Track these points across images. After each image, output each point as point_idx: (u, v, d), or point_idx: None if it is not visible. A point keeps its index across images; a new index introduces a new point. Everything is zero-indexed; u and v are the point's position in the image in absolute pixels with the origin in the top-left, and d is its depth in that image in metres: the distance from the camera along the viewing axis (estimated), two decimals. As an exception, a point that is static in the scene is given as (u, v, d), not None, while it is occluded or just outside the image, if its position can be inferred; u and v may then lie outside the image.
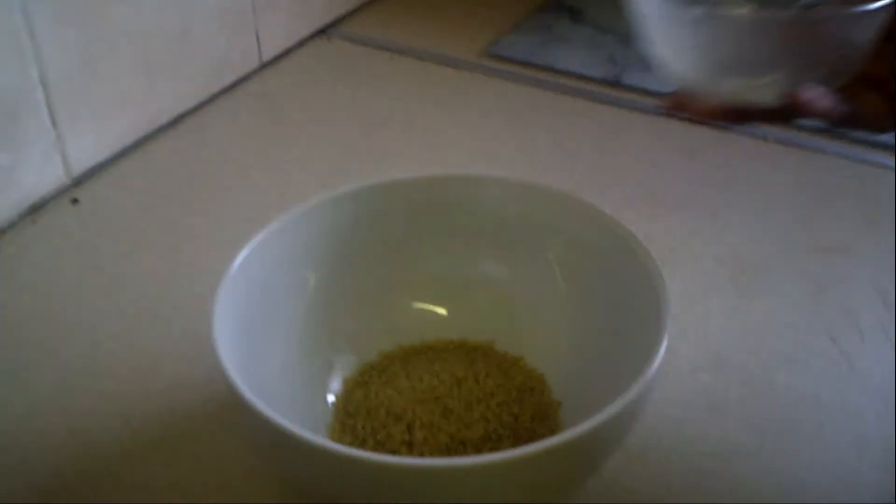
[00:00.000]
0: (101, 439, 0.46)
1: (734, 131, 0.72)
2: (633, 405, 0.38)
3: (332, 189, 0.49)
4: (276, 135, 0.72)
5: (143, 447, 0.46)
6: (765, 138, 0.71)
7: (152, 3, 0.66)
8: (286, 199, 0.64)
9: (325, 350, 0.48)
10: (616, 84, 0.78)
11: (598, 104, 0.76)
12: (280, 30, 0.81)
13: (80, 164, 0.65)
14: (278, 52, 0.81)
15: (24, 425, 0.47)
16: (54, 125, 0.62)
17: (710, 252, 0.59)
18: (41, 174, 0.62)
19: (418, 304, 0.51)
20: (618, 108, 0.75)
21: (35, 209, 0.62)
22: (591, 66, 0.81)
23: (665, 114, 0.43)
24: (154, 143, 0.70)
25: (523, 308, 0.50)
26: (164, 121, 0.71)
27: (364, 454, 0.35)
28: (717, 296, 0.56)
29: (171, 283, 0.57)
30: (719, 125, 0.44)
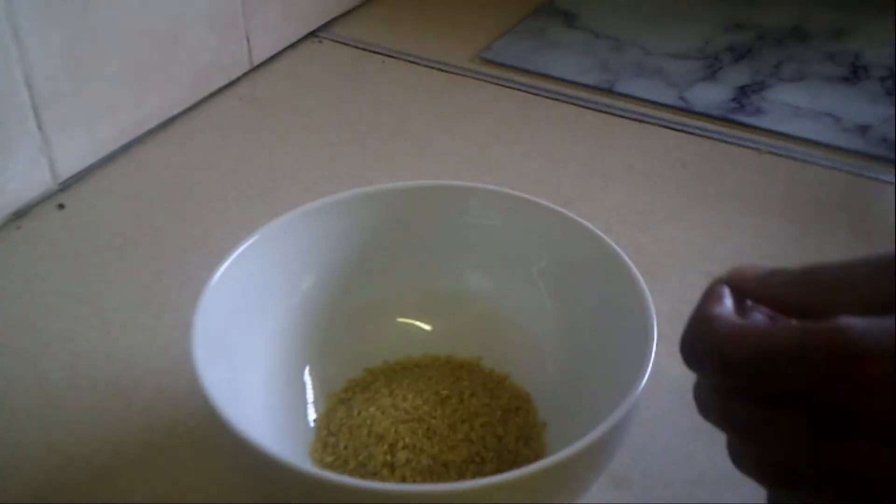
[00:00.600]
0: (79, 454, 0.46)
1: (728, 141, 0.72)
2: (618, 429, 0.38)
3: (317, 199, 0.48)
4: (265, 139, 0.71)
5: (123, 464, 0.45)
6: (758, 149, 0.71)
7: (140, 5, 0.66)
8: (274, 205, 0.64)
9: (309, 364, 0.48)
10: (609, 91, 0.78)
11: (591, 111, 0.75)
12: (271, 32, 0.80)
13: (67, 168, 0.64)
14: (269, 54, 0.81)
15: (1, 437, 0.47)
16: (40, 128, 0.61)
17: (701, 266, 0.59)
18: (27, 179, 0.61)
19: (404, 319, 0.50)
20: (610, 116, 0.75)
21: (20, 215, 0.61)
22: (585, 72, 0.80)
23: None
24: (142, 147, 0.69)
25: (510, 324, 0.49)
26: (152, 125, 0.70)
27: (344, 480, 0.35)
28: (706, 313, 0.55)
29: (156, 291, 0.56)
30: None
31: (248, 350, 0.45)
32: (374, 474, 0.42)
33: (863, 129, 0.73)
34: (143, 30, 0.67)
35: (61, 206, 0.63)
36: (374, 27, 0.87)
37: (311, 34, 0.85)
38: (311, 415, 0.46)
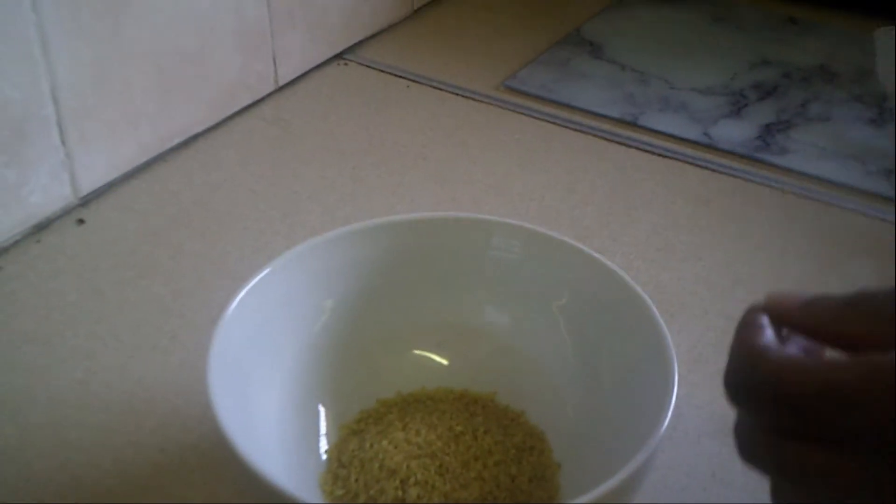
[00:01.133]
0: (89, 475, 0.45)
1: (751, 179, 0.71)
2: (636, 476, 0.37)
3: (337, 223, 0.48)
4: (287, 161, 0.71)
5: (132, 487, 0.45)
6: (782, 189, 0.70)
7: (168, 22, 0.66)
8: (294, 228, 0.64)
9: (323, 393, 0.47)
10: (633, 124, 0.77)
11: (614, 144, 0.75)
12: (297, 53, 0.80)
13: (88, 183, 0.64)
14: (294, 75, 0.81)
15: (12, 455, 0.46)
16: (63, 143, 0.61)
17: (722, 308, 0.58)
18: (48, 192, 0.61)
19: (420, 351, 0.50)
20: (634, 150, 0.74)
21: (40, 228, 0.62)
22: (609, 104, 0.80)
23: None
24: (164, 164, 0.69)
25: (527, 360, 0.49)
26: (175, 142, 0.70)
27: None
28: (725, 356, 0.54)
29: (172, 311, 0.56)
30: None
31: (262, 377, 0.45)
32: (385, 510, 0.41)
33: (888, 173, 0.72)
34: (170, 48, 0.67)
35: (81, 222, 0.63)
36: (399, 51, 0.87)
37: (337, 56, 0.85)
38: (323, 445, 0.46)
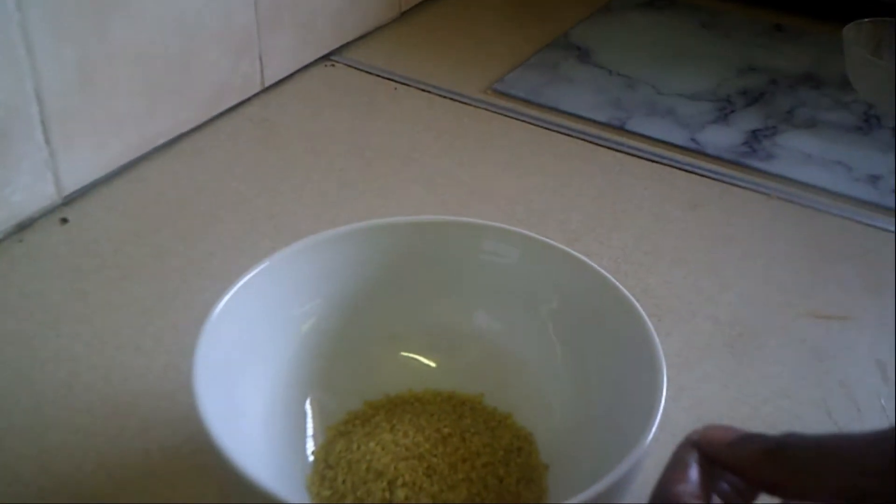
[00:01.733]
0: (73, 476, 0.45)
1: (738, 184, 0.71)
2: (624, 480, 0.37)
3: (323, 225, 0.48)
4: (274, 162, 0.70)
5: (116, 489, 0.44)
6: (768, 195, 0.70)
7: (154, 23, 0.65)
8: (280, 230, 0.63)
9: (310, 395, 0.47)
10: (621, 129, 0.77)
11: (602, 148, 0.75)
12: (284, 54, 0.80)
13: (72, 182, 0.64)
14: (281, 76, 0.80)
15: (-6, 456, 0.46)
16: (47, 142, 0.61)
17: (709, 312, 0.58)
18: (31, 192, 0.61)
19: (408, 353, 0.50)
20: (621, 154, 0.75)
21: (22, 228, 0.61)
22: (597, 108, 0.80)
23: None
24: (149, 164, 0.68)
25: (515, 363, 0.49)
26: (160, 142, 0.70)
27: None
28: (713, 359, 0.55)
29: (155, 313, 0.55)
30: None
31: (249, 378, 0.44)
32: (372, 512, 0.41)
33: (874, 179, 0.72)
34: (156, 48, 0.66)
35: (64, 221, 0.62)
36: (387, 54, 0.87)
37: (324, 58, 0.85)
38: (310, 447, 0.45)
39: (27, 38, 0.57)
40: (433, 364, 0.49)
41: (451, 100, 0.80)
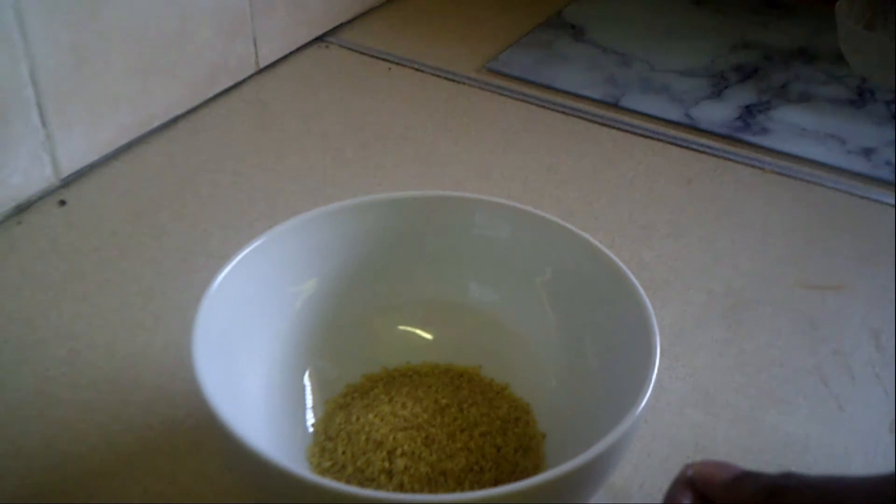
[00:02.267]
0: (76, 451, 0.45)
1: (732, 159, 0.72)
2: (619, 445, 0.37)
3: (319, 204, 0.48)
4: (269, 142, 0.71)
5: (119, 462, 0.45)
6: (762, 168, 0.71)
7: (148, 4, 0.66)
8: (276, 208, 0.64)
9: (308, 369, 0.47)
10: (615, 106, 0.78)
11: (596, 125, 0.75)
12: (278, 35, 0.80)
13: (69, 164, 0.64)
14: (275, 58, 0.80)
15: (-2, 433, 0.46)
16: (44, 124, 0.61)
17: (704, 284, 0.59)
18: (28, 174, 0.61)
19: (405, 326, 0.50)
20: (616, 130, 0.75)
21: (21, 210, 0.61)
22: (591, 86, 0.80)
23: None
24: (146, 145, 0.69)
25: (511, 335, 0.49)
26: (156, 124, 0.70)
27: (341, 487, 0.35)
28: (708, 330, 0.55)
29: (155, 291, 0.56)
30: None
31: (248, 353, 0.45)
32: (372, 481, 0.41)
33: (867, 152, 0.73)
34: (151, 29, 0.67)
35: (62, 203, 0.62)
36: (381, 34, 0.87)
37: (318, 39, 0.85)
38: (310, 419, 0.46)
39: (21, 20, 0.57)
40: (430, 337, 0.50)
41: (446, 79, 0.80)
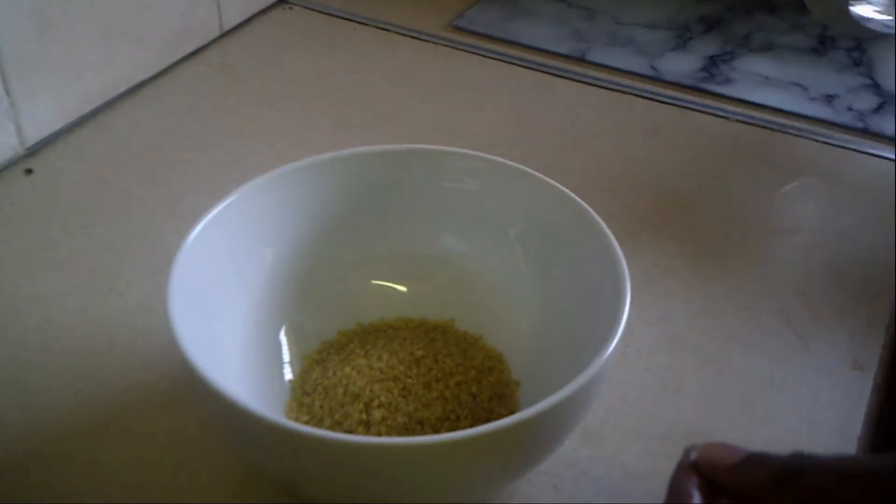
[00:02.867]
0: (53, 416, 0.46)
1: (697, 109, 0.72)
2: (590, 385, 0.38)
3: (289, 163, 0.48)
4: (235, 106, 0.70)
5: (97, 425, 0.45)
6: (727, 118, 0.71)
7: (110, -31, 0.65)
8: (246, 171, 0.63)
9: (284, 326, 0.48)
10: (581, 60, 0.78)
11: (563, 80, 0.76)
12: (241, -2, 0.79)
13: (35, 133, 0.63)
14: (239, 20, 0.80)
15: (-26, 401, 0.47)
16: (7, 93, 0.60)
17: (671, 232, 0.60)
18: (-7, 143, 0.61)
19: (378, 281, 0.50)
20: (583, 85, 0.75)
21: (-13, 179, 0.61)
22: (557, 41, 0.80)
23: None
24: (111, 112, 0.68)
25: (484, 287, 0.50)
26: (121, 90, 0.69)
27: (320, 433, 0.35)
28: (676, 276, 0.56)
29: (127, 256, 0.56)
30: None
31: (223, 311, 0.45)
32: (350, 432, 0.42)
33: (829, 99, 0.74)
34: (112, -7, 0.66)
35: (29, 172, 0.62)
36: (345, -6, 0.87)
37: (282, 1, 0.85)
38: (287, 375, 0.46)
39: (-20, -14, 0.56)
40: (405, 289, 0.50)
41: (412, 38, 0.80)
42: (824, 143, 0.69)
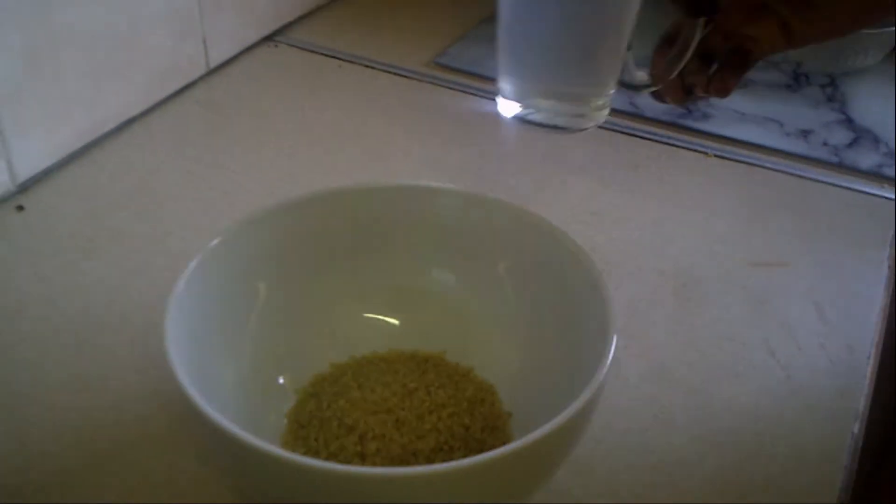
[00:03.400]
0: (49, 450, 0.46)
1: (676, 145, 0.74)
2: (580, 416, 0.39)
3: (281, 198, 0.49)
4: (223, 143, 0.71)
5: (93, 460, 0.46)
6: (705, 153, 0.73)
7: (98, 6, 0.66)
8: (234, 207, 0.64)
9: (278, 361, 0.48)
10: (562, 96, 0.79)
11: (545, 116, 0.77)
12: (227, 35, 0.80)
13: (25, 169, 0.64)
14: (225, 58, 0.81)
15: (-32, 437, 0.47)
16: (-2, 130, 0.61)
17: (654, 265, 0.61)
18: (-16, 180, 0.61)
19: (370, 314, 0.51)
20: (564, 121, 0.77)
21: (-22, 216, 0.61)
22: (538, 78, 0.82)
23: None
24: (100, 148, 0.69)
25: (474, 319, 0.51)
26: (110, 126, 0.70)
27: (318, 463, 0.36)
28: (660, 308, 0.57)
29: (120, 292, 0.56)
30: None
31: (217, 345, 0.45)
32: (346, 464, 0.42)
33: (805, 134, 0.76)
34: (101, 31, 0.67)
35: (20, 208, 0.63)
36: (329, 32, 0.88)
37: (267, 38, 0.86)
38: (282, 410, 0.47)
39: (-27, 26, 0.57)
40: (396, 322, 0.51)
41: (396, 74, 0.82)
42: (801, 176, 0.71)
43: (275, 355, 0.48)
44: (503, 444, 0.44)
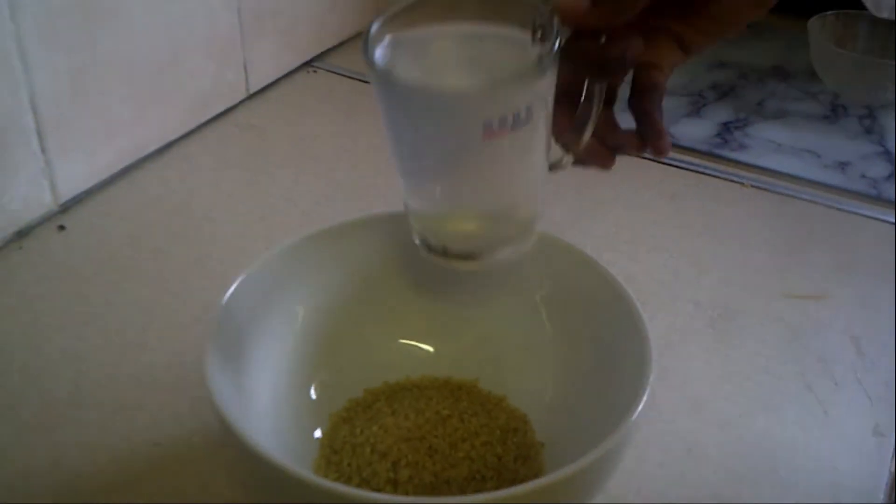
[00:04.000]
0: (85, 471, 0.46)
1: (712, 174, 0.74)
2: (615, 450, 0.39)
3: (321, 224, 0.49)
4: (261, 166, 0.72)
5: (128, 480, 0.46)
6: (742, 183, 0.73)
7: (142, 32, 0.67)
8: (272, 230, 0.65)
9: (312, 385, 0.49)
10: (598, 125, 0.80)
11: (581, 144, 0.77)
12: (268, 61, 0.82)
13: (68, 190, 0.65)
14: (265, 83, 0.82)
15: (7, 454, 0.47)
16: (43, 151, 0.62)
17: (690, 295, 0.61)
18: (28, 200, 0.62)
19: (404, 340, 0.51)
20: (599, 149, 0.77)
21: (21, 235, 0.62)
22: (574, 106, 0.82)
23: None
24: (141, 171, 0.70)
25: (508, 347, 0.51)
26: (151, 149, 0.71)
27: (352, 490, 0.36)
28: (695, 340, 0.57)
29: (158, 312, 0.57)
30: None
31: (254, 369, 0.46)
32: (378, 491, 0.43)
33: (842, 166, 0.75)
34: (145, 57, 0.68)
35: (62, 228, 0.64)
36: (367, 58, 0.89)
37: (306, 64, 0.87)
38: (315, 434, 0.47)
39: (21, 48, 0.58)
40: (430, 349, 0.51)
41: (433, 101, 0.82)
42: (838, 209, 0.70)
43: (310, 378, 0.49)
44: (536, 474, 0.44)
